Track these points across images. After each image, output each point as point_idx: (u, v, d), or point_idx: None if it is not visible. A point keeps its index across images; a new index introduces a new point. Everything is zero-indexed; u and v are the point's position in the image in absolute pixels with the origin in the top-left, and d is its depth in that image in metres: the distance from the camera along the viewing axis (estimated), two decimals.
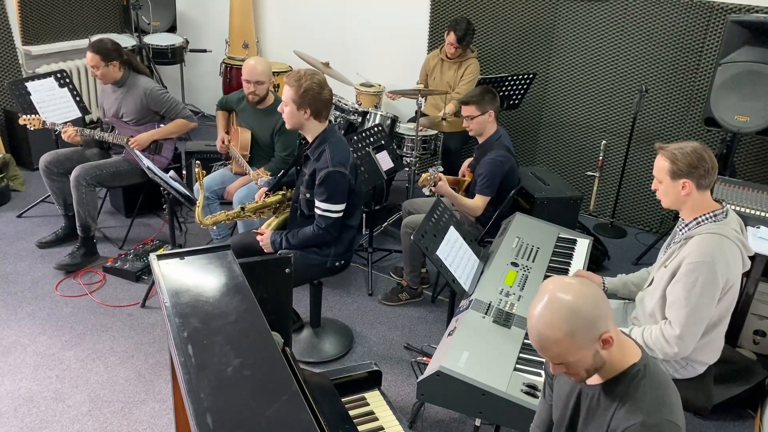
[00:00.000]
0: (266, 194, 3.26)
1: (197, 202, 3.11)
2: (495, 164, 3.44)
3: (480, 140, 3.61)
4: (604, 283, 2.77)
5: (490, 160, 3.45)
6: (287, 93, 2.85)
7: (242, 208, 3.19)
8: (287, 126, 2.96)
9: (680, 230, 2.43)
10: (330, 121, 3.07)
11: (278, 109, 2.98)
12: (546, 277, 2.82)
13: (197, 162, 3.20)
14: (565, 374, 1.61)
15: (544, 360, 2.27)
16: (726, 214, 2.34)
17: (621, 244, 4.64)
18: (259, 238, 3.06)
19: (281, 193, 3.27)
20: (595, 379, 1.64)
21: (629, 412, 1.53)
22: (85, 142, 4.05)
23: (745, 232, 2.39)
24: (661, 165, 2.34)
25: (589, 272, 2.85)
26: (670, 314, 2.30)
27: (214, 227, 3.25)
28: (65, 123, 3.97)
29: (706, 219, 2.32)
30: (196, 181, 4.13)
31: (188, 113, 4.12)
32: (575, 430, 1.72)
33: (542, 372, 2.22)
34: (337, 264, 3.08)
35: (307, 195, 2.96)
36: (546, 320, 1.52)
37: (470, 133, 3.62)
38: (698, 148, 2.29)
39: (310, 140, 2.96)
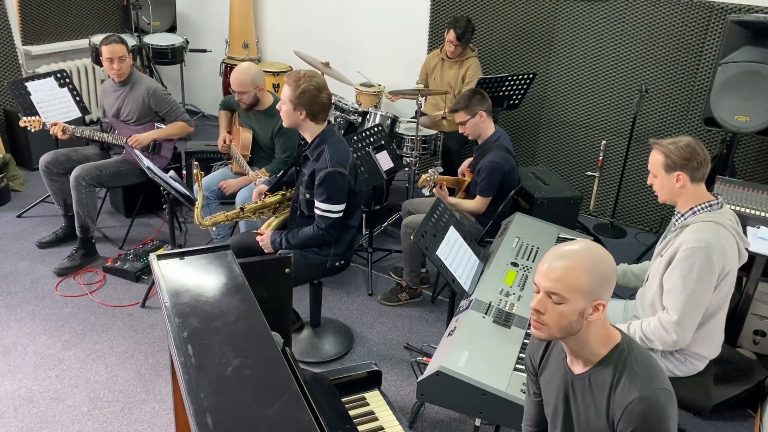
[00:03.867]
0: (266, 194, 3.27)
1: (196, 202, 3.11)
2: (494, 166, 3.44)
3: (479, 141, 3.61)
4: None
5: (490, 162, 3.45)
6: (285, 92, 2.86)
7: (242, 209, 3.19)
8: (284, 124, 2.96)
9: (676, 220, 2.45)
10: (329, 122, 3.07)
11: (277, 107, 2.98)
12: None
13: (195, 163, 3.20)
14: (535, 322, 1.62)
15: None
16: (721, 206, 2.37)
17: (621, 244, 4.64)
18: (258, 238, 3.06)
19: (281, 193, 3.27)
20: (581, 367, 1.67)
21: (625, 390, 1.56)
22: (78, 137, 4.03)
23: (739, 225, 2.41)
24: (655, 159, 2.39)
25: None
26: (668, 301, 2.32)
27: (214, 228, 3.25)
28: (54, 124, 3.96)
29: (702, 208, 2.36)
30: (196, 182, 4.13)
31: (188, 117, 4.12)
32: (571, 422, 1.72)
33: None
34: (337, 264, 3.08)
35: (307, 195, 2.96)
36: (575, 252, 1.59)
37: (469, 137, 3.63)
38: (691, 142, 2.34)
39: (308, 140, 2.96)
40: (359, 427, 1.96)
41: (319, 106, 2.85)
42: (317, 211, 2.92)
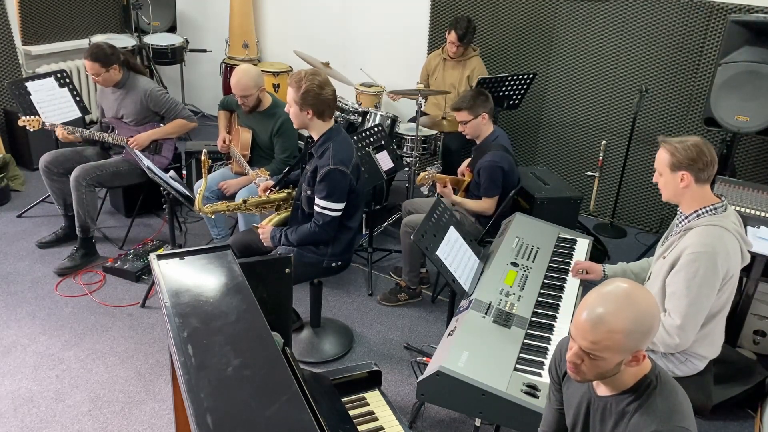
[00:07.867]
0: (271, 190, 3.29)
1: (199, 188, 3.15)
2: (493, 165, 3.44)
3: (478, 141, 3.62)
4: (604, 270, 2.80)
5: (488, 162, 3.45)
6: (290, 94, 2.88)
7: (244, 201, 3.22)
8: (295, 126, 3.00)
9: (679, 222, 2.44)
10: (336, 121, 3.09)
11: (285, 109, 3.01)
12: (546, 276, 2.83)
13: (204, 150, 3.23)
14: (571, 368, 1.58)
15: (546, 364, 2.27)
16: (725, 208, 2.36)
17: (621, 244, 4.64)
18: (259, 230, 3.09)
19: (287, 191, 3.30)
20: (604, 390, 1.64)
21: (641, 421, 1.53)
22: (84, 140, 4.04)
23: (742, 227, 2.40)
24: (661, 157, 2.38)
25: (589, 262, 2.87)
26: (671, 305, 2.31)
27: (212, 215, 3.28)
28: (56, 124, 3.95)
29: (707, 212, 2.35)
30: (197, 180, 4.14)
31: (188, 113, 4.12)
32: None
33: (542, 372, 2.22)
34: (333, 264, 3.08)
35: (308, 192, 2.97)
36: (616, 308, 1.48)
37: (467, 137, 3.63)
38: (699, 143, 2.32)
39: (315, 138, 2.98)
40: (359, 427, 1.96)
41: (324, 103, 2.86)
42: (316, 208, 2.93)
